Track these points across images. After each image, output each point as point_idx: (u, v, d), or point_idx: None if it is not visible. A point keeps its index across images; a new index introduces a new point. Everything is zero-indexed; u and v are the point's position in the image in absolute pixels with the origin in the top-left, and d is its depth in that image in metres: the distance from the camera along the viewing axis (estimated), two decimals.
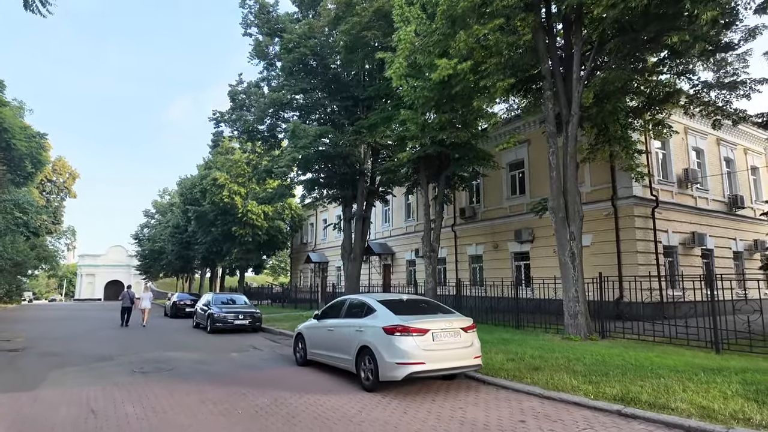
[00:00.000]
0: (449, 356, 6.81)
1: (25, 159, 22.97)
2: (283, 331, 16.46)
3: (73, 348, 12.71)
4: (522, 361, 8.57)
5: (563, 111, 12.19)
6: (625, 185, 16.43)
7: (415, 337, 6.68)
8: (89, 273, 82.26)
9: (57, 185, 46.56)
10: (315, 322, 9.19)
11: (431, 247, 16.81)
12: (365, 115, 20.97)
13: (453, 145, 15.84)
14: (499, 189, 21.65)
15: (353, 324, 7.71)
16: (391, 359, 6.62)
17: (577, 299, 11.43)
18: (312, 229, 42.22)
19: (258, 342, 14.35)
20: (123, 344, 13.60)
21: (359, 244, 22.30)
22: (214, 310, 17.24)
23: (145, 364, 9.95)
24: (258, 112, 19.66)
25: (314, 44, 19.99)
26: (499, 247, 21.29)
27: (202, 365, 9.94)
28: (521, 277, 20.27)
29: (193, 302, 26.46)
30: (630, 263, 15.98)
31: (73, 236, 58.39)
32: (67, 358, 10.96)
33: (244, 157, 24.66)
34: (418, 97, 12.73)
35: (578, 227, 11.84)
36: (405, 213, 29.05)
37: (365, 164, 22.20)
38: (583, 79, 11.88)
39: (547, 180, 19.28)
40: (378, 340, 6.91)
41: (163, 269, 56.74)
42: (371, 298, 7.88)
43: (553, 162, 11.94)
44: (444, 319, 7.12)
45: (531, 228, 19.65)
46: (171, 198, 59.10)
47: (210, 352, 12.01)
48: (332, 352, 8.21)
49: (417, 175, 18.51)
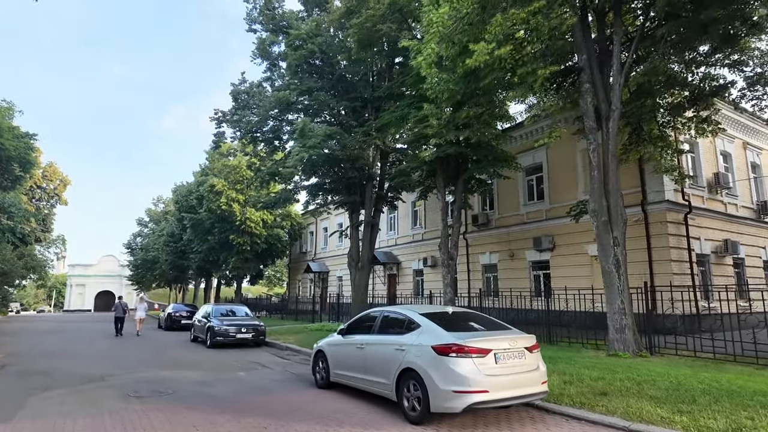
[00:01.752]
0: (515, 382, 5.63)
1: (13, 161, 21.66)
2: (289, 345, 15.18)
3: (59, 365, 11.37)
4: (581, 383, 7.41)
5: (602, 106, 11.20)
6: (655, 189, 15.43)
7: (474, 358, 5.51)
8: (79, 283, 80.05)
9: (47, 192, 44.96)
10: (339, 338, 7.97)
11: (449, 254, 15.68)
12: (374, 116, 19.95)
13: (472, 146, 14.84)
14: (515, 195, 20.60)
15: (391, 341, 6.52)
16: (446, 386, 5.43)
17: (624, 311, 10.31)
18: (312, 238, 40.95)
19: (264, 358, 13.07)
20: (115, 361, 12.27)
21: (367, 252, 21.13)
22: (214, 322, 15.92)
23: (140, 386, 8.66)
24: (262, 112, 18.56)
25: (321, 42, 19.01)
26: (516, 255, 20.18)
27: (206, 387, 8.67)
28: (540, 288, 19.20)
29: (189, 314, 25.07)
30: (663, 272, 14.90)
31: (63, 245, 56.63)
32: (53, 377, 9.65)
33: (246, 160, 23.49)
34: (443, 90, 11.68)
35: (622, 232, 10.78)
36: (411, 220, 27.93)
37: (374, 168, 21.12)
38: (625, 70, 10.92)
39: (568, 184, 18.44)
40: (427, 362, 5.72)
41: (156, 279, 54.99)
42: (412, 311, 6.71)
43: (594, 160, 10.90)
44: (505, 336, 5.96)
45: (551, 235, 18.58)
46: (165, 206, 57.60)
47: (213, 370, 10.73)
48: (364, 374, 6.99)
49: (432, 178, 17.44)
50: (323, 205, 24.08)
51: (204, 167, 42.61)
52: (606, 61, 11.82)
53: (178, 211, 41.20)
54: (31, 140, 22.84)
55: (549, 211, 19.00)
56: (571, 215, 13.41)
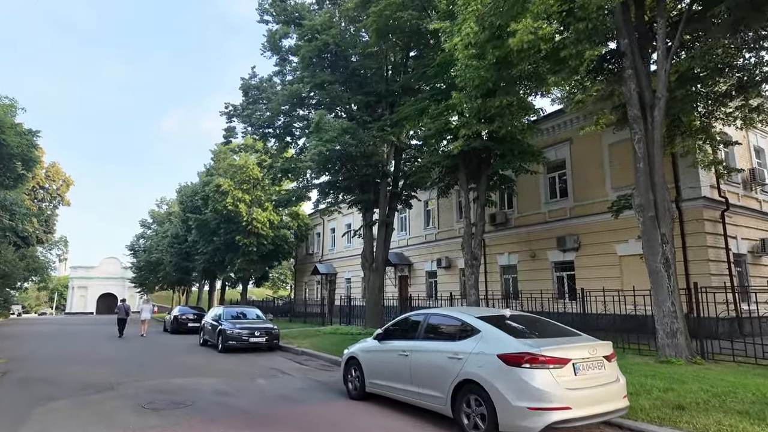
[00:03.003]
0: (597, 397, 4.86)
1: (15, 158, 20.95)
2: (305, 350, 14.40)
3: (64, 371, 10.61)
4: (649, 394, 6.63)
5: (645, 94, 10.44)
6: (691, 185, 14.66)
7: (552, 370, 4.74)
8: (81, 285, 79.35)
9: (50, 192, 44.28)
10: (375, 344, 7.20)
11: (472, 254, 14.90)
12: (389, 112, 19.24)
13: (497, 140, 14.09)
14: (535, 192, 19.82)
15: (443, 349, 5.75)
16: (519, 402, 4.66)
17: (675, 314, 9.53)
18: (319, 239, 40.17)
19: (281, 364, 12.29)
20: (124, 367, 11.51)
21: (382, 252, 20.37)
22: (225, 325, 15.15)
23: (154, 397, 7.90)
24: (275, 106, 17.82)
25: (335, 34, 18.30)
26: (537, 256, 19.39)
27: (227, 397, 7.91)
28: (564, 289, 18.42)
29: (196, 317, 24.34)
30: (700, 273, 14.09)
31: (65, 247, 55.94)
32: (58, 386, 8.89)
33: (256, 157, 22.76)
34: (473, 77, 10.93)
35: (670, 228, 10.02)
36: (424, 220, 27.16)
37: (388, 165, 20.38)
38: (671, 54, 10.18)
39: (594, 181, 17.62)
40: (492, 373, 4.95)
41: (160, 282, 54.25)
42: (465, 314, 5.94)
43: (640, 151, 10.13)
44: (583, 344, 5.18)
45: (576, 235, 17.79)
46: (169, 207, 56.90)
47: (230, 377, 9.96)
48: (408, 385, 6.21)
49: (452, 174, 16.68)
50: (335, 203, 23.34)
51: (209, 167, 41.96)
52: (645, 46, 11.12)
53: (183, 211, 40.49)
54: (34, 137, 22.14)
55: (573, 209, 18.22)
56: (612, 211, 12.63)
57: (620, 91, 10.60)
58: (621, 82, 10.50)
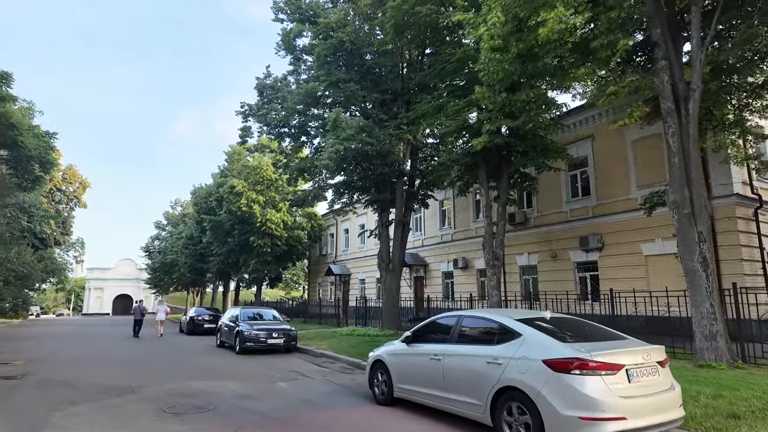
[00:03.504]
0: (653, 406, 4.49)
1: (33, 161, 21.08)
2: (324, 352, 14.14)
3: (83, 374, 10.48)
4: (697, 402, 6.23)
5: (679, 85, 10.00)
6: (722, 182, 14.11)
7: (604, 376, 4.39)
8: (97, 287, 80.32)
9: (66, 194, 44.76)
10: (403, 347, 6.90)
11: (494, 254, 14.52)
12: (405, 109, 18.94)
13: (519, 136, 13.70)
14: (556, 191, 19.34)
15: (480, 353, 5.42)
16: (570, 411, 4.32)
17: (714, 316, 9.07)
18: (332, 240, 40.01)
19: (300, 366, 12.05)
20: (142, 369, 11.36)
21: (398, 252, 20.06)
22: (243, 327, 14.97)
23: (175, 400, 7.69)
24: (291, 105, 17.63)
25: (350, 31, 18.07)
26: (559, 256, 18.92)
27: (249, 401, 7.66)
28: (587, 290, 17.93)
29: (212, 318, 24.31)
30: (732, 273, 13.55)
31: (82, 248, 56.58)
32: (77, 389, 8.74)
33: (271, 157, 22.65)
34: (497, 71, 10.59)
35: (707, 226, 9.57)
36: (440, 220, 26.80)
37: (404, 164, 20.07)
38: (707, 44, 9.73)
39: (618, 179, 17.08)
40: (538, 380, 4.62)
41: (174, 283, 54.61)
42: (503, 316, 5.61)
43: (674, 145, 9.69)
44: (636, 348, 4.82)
45: (599, 234, 17.30)
46: (183, 209, 57.28)
47: (250, 380, 9.73)
48: (441, 391, 5.90)
49: (472, 173, 16.32)
50: (349, 203, 23.08)
51: (223, 168, 42.06)
52: (677, 36, 10.67)
53: (197, 213, 40.67)
54: (51, 139, 22.27)
55: (596, 207, 17.73)
56: (643, 208, 12.16)
57: (651, 83, 10.16)
58: (653, 74, 10.07)
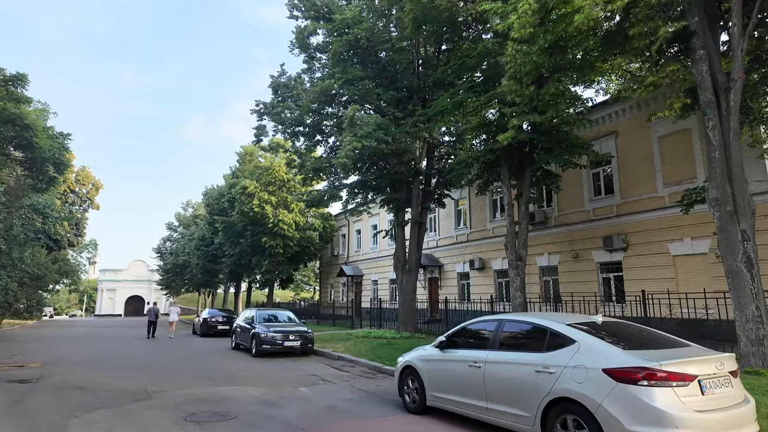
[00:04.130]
0: (729, 421, 4.04)
1: (47, 162, 21.01)
2: (341, 355, 13.78)
3: (99, 378, 10.22)
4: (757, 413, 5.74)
5: (718, 77, 9.50)
6: (758, 178, 13.51)
7: (675, 388, 3.96)
8: (110, 288, 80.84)
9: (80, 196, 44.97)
10: (436, 353, 6.49)
11: (517, 255, 14.07)
12: (421, 107, 18.55)
13: (542, 132, 13.23)
14: (578, 189, 18.80)
15: (528, 361, 5.00)
16: (638, 426, 3.89)
17: (760, 319, 8.54)
18: (344, 241, 39.71)
19: (319, 369, 11.71)
20: (159, 372, 11.07)
21: (415, 253, 19.65)
22: (259, 329, 14.67)
23: (195, 407, 7.36)
24: (306, 103, 17.32)
25: (367, 28, 17.74)
26: (581, 256, 18.38)
27: (271, 409, 7.31)
28: (611, 292, 17.39)
29: (226, 319, 24.11)
30: None
31: (94, 250, 56.90)
32: (94, 393, 8.45)
33: (286, 156, 22.39)
34: (524, 63, 10.15)
35: (750, 224, 9.04)
36: (455, 220, 26.33)
37: (420, 163, 19.66)
38: (748, 32, 9.22)
39: (644, 176, 16.47)
40: (598, 391, 4.20)
41: (186, 284, 54.67)
42: (551, 321, 5.18)
43: (715, 139, 9.19)
44: (706, 356, 4.37)
45: (624, 234, 16.75)
46: (195, 210, 57.38)
47: (270, 385, 9.39)
48: (482, 401, 5.48)
49: (491, 171, 15.89)
50: (363, 203, 22.71)
51: (234, 170, 41.98)
52: (714, 25, 10.16)
53: (210, 214, 40.61)
54: (65, 140, 22.20)
55: (620, 206, 17.17)
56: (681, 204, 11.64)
57: (688, 74, 9.66)
58: (692, 64, 9.57)
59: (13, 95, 19.79)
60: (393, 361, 11.93)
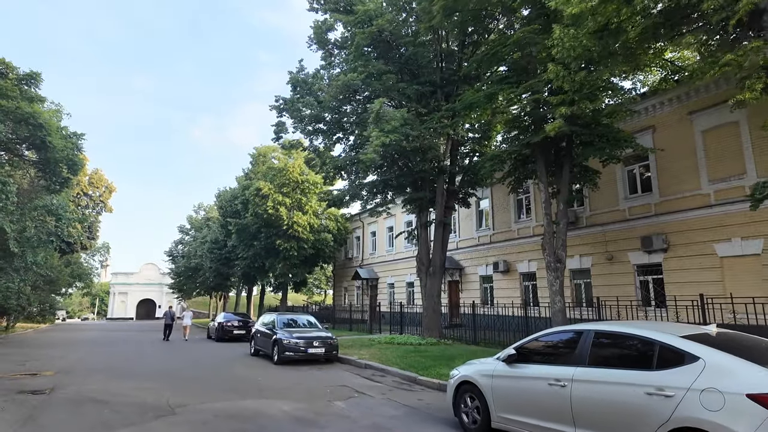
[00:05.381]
0: None
1: (61, 162, 20.53)
2: (369, 363, 12.96)
3: (116, 389, 9.52)
4: None
5: None
6: None
7: None
8: (122, 291, 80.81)
9: (93, 199, 44.73)
10: (503, 368, 5.67)
11: (556, 256, 13.20)
12: (445, 103, 17.77)
13: (581, 125, 12.38)
14: (611, 187, 17.84)
15: (635, 381, 4.17)
16: None
17: None
18: (358, 243, 38.94)
19: (348, 380, 10.92)
20: (180, 382, 10.34)
21: (439, 255, 18.83)
22: (281, 335, 13.93)
23: (225, 425, 6.61)
24: (327, 98, 16.63)
25: (390, 19, 17.05)
26: (615, 258, 17.41)
27: (309, 428, 6.54)
28: (649, 295, 16.42)
29: (242, 324, 23.45)
30: None
31: (107, 253, 56.74)
32: (112, 407, 7.74)
33: (304, 155, 21.74)
34: (573, 47, 9.35)
35: None
36: (476, 221, 25.43)
37: (445, 160, 18.86)
38: None
39: (686, 172, 15.31)
40: (744, 421, 3.36)
41: (198, 287, 54.20)
42: (660, 332, 4.35)
43: None
44: None
45: (664, 234, 15.78)
46: (207, 213, 57.00)
47: (301, 398, 8.61)
48: (568, 426, 4.63)
49: (524, 167, 15.06)
50: (383, 204, 21.94)
51: (247, 171, 41.50)
52: None
53: (223, 216, 40.10)
54: (79, 140, 21.73)
55: (659, 204, 16.21)
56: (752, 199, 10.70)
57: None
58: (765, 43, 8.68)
59: (27, 94, 19.35)
60: (427, 371, 11.14)
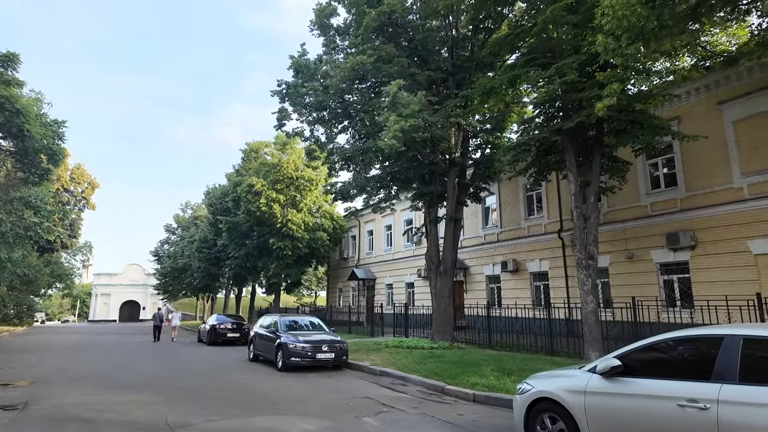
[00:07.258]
0: None
1: (40, 152, 18.96)
2: (385, 369, 11.79)
3: (103, 402, 8.16)
4: None
5: None
6: None
7: None
8: (104, 293, 78.13)
9: (75, 195, 42.67)
10: (600, 383, 4.52)
11: (587, 253, 12.20)
12: (457, 91, 16.72)
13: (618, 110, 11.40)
14: (631, 182, 16.83)
15: None
16: None
17: None
18: (354, 242, 37.67)
19: (368, 390, 9.72)
20: (176, 394, 9.01)
21: (450, 252, 17.72)
22: (286, 338, 12.66)
23: None
24: (336, 81, 15.41)
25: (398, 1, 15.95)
26: (636, 256, 16.52)
27: None
28: (674, 296, 15.53)
29: (236, 326, 22.05)
30: None
31: (89, 252, 54.50)
32: (98, 428, 6.44)
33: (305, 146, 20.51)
34: (624, 16, 8.35)
35: None
36: (482, 219, 24.41)
37: (456, 152, 17.78)
38: None
39: (715, 165, 14.37)
40: None
41: (184, 288, 52.35)
42: None
43: None
44: None
45: (691, 230, 14.91)
46: (194, 211, 55.18)
47: (322, 414, 7.38)
48: None
49: (546, 157, 14.07)
50: (387, 199, 20.77)
51: (239, 168, 40.04)
52: None
53: (212, 214, 38.53)
54: (60, 128, 20.17)
55: (685, 200, 15.35)
56: None
57: None
58: None
59: (2, 77, 17.78)
60: (455, 379, 9.97)
